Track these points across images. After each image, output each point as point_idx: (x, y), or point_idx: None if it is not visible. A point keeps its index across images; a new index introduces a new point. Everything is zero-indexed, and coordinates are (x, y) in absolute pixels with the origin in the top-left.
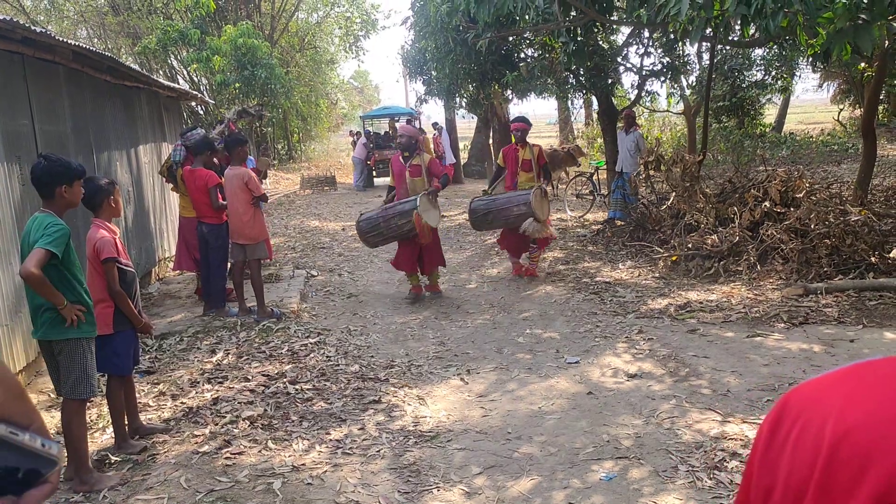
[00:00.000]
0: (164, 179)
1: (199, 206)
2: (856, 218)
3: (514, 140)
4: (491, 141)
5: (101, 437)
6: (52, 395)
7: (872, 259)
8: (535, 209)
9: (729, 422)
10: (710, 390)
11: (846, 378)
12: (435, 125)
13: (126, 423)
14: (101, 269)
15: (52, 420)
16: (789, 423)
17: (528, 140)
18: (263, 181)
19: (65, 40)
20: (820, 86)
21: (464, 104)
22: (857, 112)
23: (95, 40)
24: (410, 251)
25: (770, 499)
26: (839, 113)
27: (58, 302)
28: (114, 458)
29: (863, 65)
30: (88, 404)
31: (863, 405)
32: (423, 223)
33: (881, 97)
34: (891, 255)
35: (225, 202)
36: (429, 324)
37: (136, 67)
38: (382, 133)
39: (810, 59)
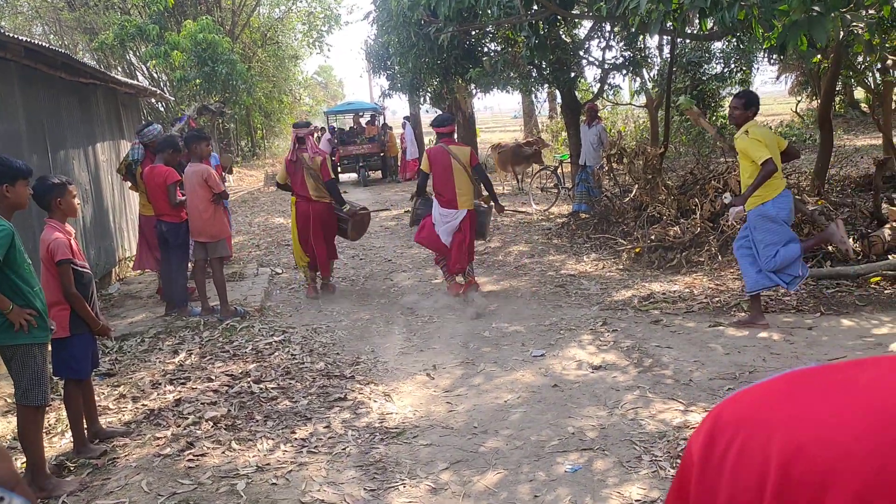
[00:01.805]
0: (123, 178)
1: (158, 204)
2: (813, 208)
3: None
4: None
5: (60, 442)
6: (9, 400)
7: (830, 248)
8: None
9: (691, 411)
10: (673, 380)
11: (782, 390)
12: (405, 119)
13: (85, 426)
14: (56, 272)
15: (8, 426)
16: (725, 441)
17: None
18: (228, 178)
19: (16, 36)
20: (778, 78)
21: (428, 98)
22: (815, 103)
23: (51, 36)
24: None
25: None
26: (797, 104)
27: (3, 306)
28: (73, 463)
29: (818, 57)
30: (47, 409)
31: (811, 419)
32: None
33: (837, 89)
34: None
35: (184, 199)
36: (394, 320)
37: (93, 64)
38: (347, 129)
39: (767, 52)
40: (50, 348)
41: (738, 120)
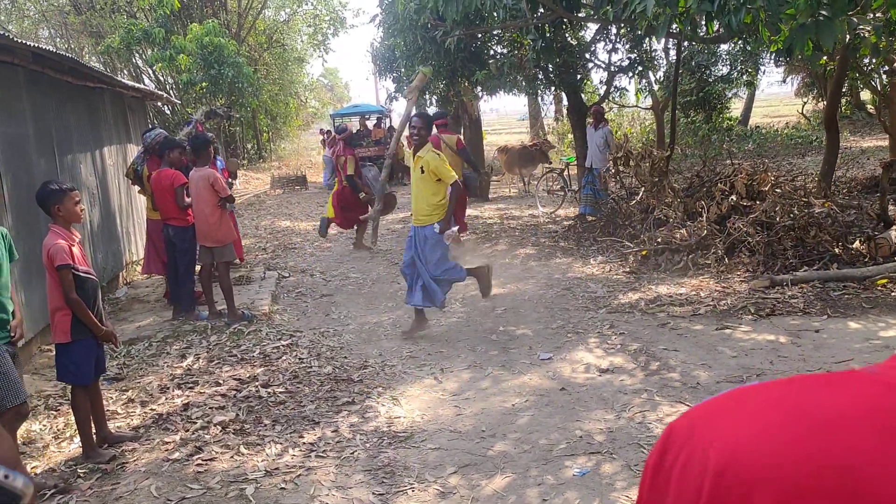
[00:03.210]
0: (130, 182)
1: (166, 208)
2: (819, 210)
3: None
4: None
5: (69, 447)
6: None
7: (836, 250)
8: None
9: None
10: (680, 383)
11: (729, 403)
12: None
13: (94, 431)
14: (57, 277)
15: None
16: (675, 451)
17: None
18: (234, 182)
19: (24, 42)
20: (784, 80)
21: (434, 101)
22: (821, 105)
23: (58, 40)
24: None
25: None
26: (803, 106)
27: None
28: (82, 469)
29: (825, 59)
30: (53, 413)
31: (745, 430)
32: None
33: (843, 90)
34: (854, 245)
35: (188, 203)
36: (402, 323)
37: (100, 67)
38: (353, 131)
39: (773, 55)
40: (54, 353)
41: (423, 140)
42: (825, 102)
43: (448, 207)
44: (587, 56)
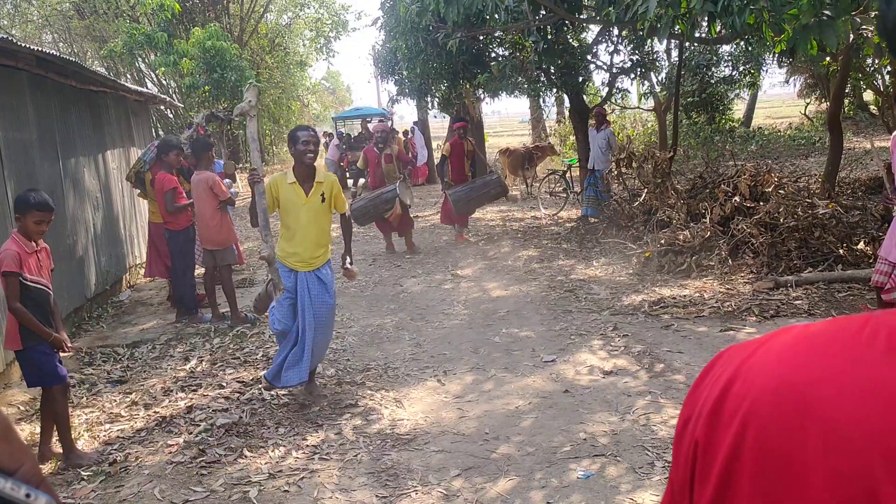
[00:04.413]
0: (132, 185)
1: (163, 211)
2: (823, 211)
3: (457, 136)
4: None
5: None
6: (22, 408)
7: (840, 251)
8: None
9: None
10: (684, 385)
11: (765, 337)
12: (413, 124)
13: (43, 440)
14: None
15: (22, 433)
16: (714, 373)
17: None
18: (234, 184)
19: (28, 46)
20: (787, 81)
21: (436, 104)
22: (824, 106)
23: (61, 44)
24: (388, 224)
25: (686, 427)
26: (806, 107)
27: None
28: (86, 472)
29: (828, 59)
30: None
31: (756, 357)
32: (398, 211)
33: (846, 91)
34: (858, 246)
35: (182, 205)
36: (404, 325)
37: (103, 71)
38: (355, 134)
39: (776, 56)
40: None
41: (315, 159)
42: (828, 103)
43: (347, 239)
44: (589, 58)
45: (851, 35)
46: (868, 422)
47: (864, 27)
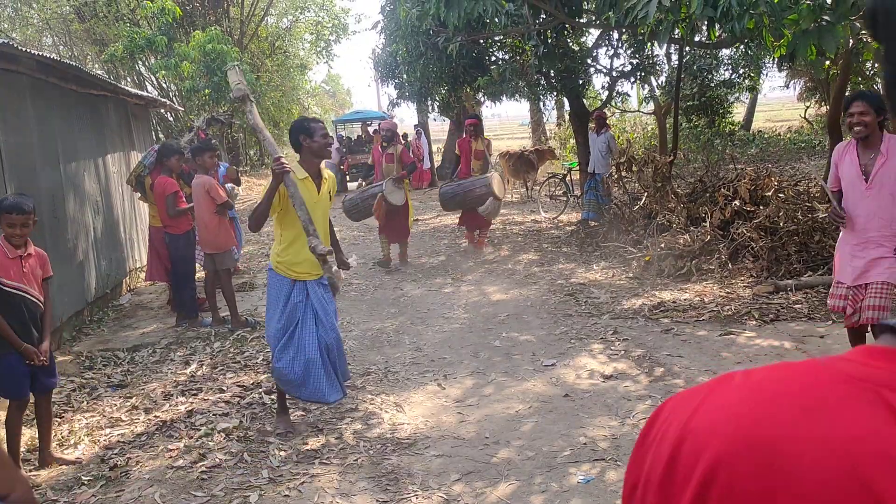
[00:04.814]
0: (133, 189)
1: (162, 215)
2: (823, 214)
3: (466, 134)
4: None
5: (73, 454)
6: None
7: None
8: (494, 189)
9: None
10: (684, 389)
11: (706, 387)
12: (416, 128)
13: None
14: None
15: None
16: (657, 428)
17: (480, 135)
18: (237, 188)
19: (28, 50)
20: (786, 84)
21: (436, 107)
22: (823, 109)
23: (61, 48)
24: (387, 228)
25: (634, 494)
26: (806, 110)
27: None
28: (87, 476)
29: (828, 63)
30: (57, 420)
31: (705, 410)
32: (382, 205)
33: (846, 94)
34: None
35: (182, 209)
36: (405, 329)
37: (103, 75)
38: (355, 137)
39: (776, 60)
40: None
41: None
42: (828, 106)
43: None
44: (589, 61)
45: (851, 40)
46: (836, 478)
47: (863, 32)
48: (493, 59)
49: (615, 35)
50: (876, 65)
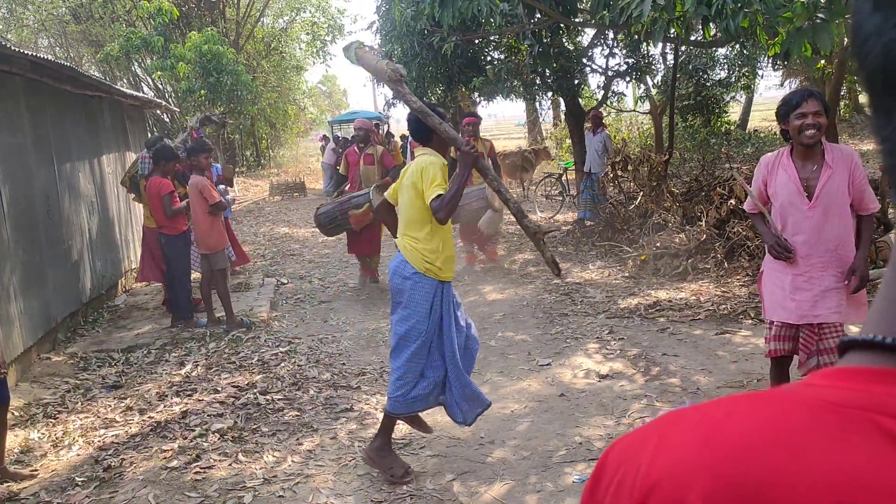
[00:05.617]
0: (127, 190)
1: (157, 216)
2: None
3: (464, 134)
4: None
5: (67, 455)
6: (17, 413)
7: None
8: (490, 200)
9: None
10: (680, 388)
11: (654, 431)
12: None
13: None
14: None
15: (15, 439)
16: (608, 479)
17: (480, 136)
18: (231, 188)
19: (22, 51)
20: (782, 84)
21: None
22: None
23: (57, 49)
24: (359, 242)
25: None
26: None
27: None
28: (81, 477)
29: (822, 62)
30: (52, 421)
31: (668, 454)
32: (369, 218)
33: (841, 93)
34: None
35: (178, 208)
36: None
37: (99, 76)
38: (351, 137)
39: (771, 59)
40: None
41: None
42: None
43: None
44: (584, 61)
45: (845, 38)
46: None
47: None
48: (489, 58)
49: (611, 34)
50: None
